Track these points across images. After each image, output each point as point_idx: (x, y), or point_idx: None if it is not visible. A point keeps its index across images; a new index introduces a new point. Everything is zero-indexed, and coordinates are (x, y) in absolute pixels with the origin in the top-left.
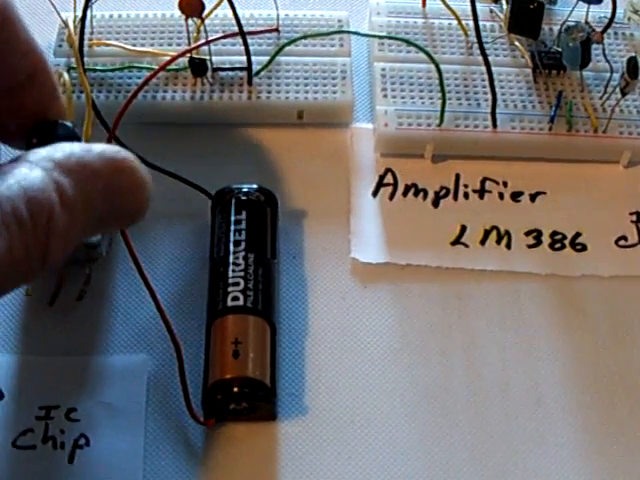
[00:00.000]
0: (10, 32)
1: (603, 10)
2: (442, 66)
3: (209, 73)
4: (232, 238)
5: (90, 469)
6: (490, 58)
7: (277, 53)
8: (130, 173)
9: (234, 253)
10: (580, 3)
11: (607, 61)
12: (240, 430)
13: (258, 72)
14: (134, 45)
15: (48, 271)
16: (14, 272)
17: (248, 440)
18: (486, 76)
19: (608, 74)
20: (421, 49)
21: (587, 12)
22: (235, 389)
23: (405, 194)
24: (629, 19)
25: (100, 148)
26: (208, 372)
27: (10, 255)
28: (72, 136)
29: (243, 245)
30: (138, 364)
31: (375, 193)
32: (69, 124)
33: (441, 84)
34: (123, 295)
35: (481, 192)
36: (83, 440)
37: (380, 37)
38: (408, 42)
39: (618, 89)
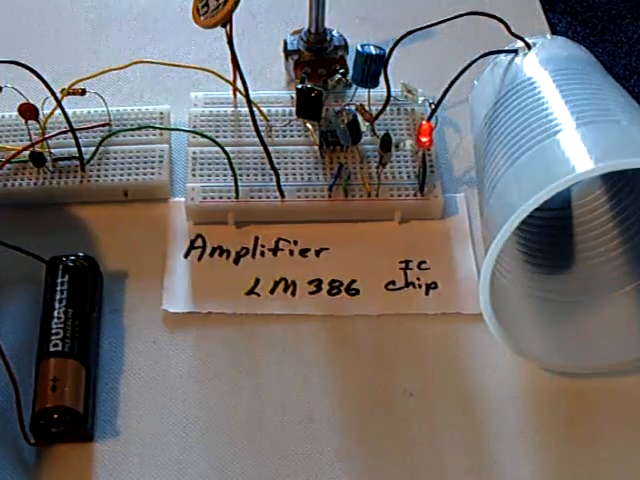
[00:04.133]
0: None
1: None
2: (245, 148)
3: (49, 163)
4: (57, 297)
5: None
6: (286, 139)
7: (100, 144)
8: None
9: (57, 309)
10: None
11: (377, 136)
12: (63, 449)
13: (89, 160)
14: None
15: None
16: None
17: (70, 457)
18: (279, 155)
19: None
20: (207, 137)
21: (369, 94)
22: (54, 415)
23: (212, 255)
24: (405, 97)
25: None
26: (34, 403)
27: None
28: None
29: (64, 302)
30: None
31: (187, 255)
32: None
33: (230, 165)
34: None
35: (275, 250)
36: None
37: (177, 130)
38: (198, 133)
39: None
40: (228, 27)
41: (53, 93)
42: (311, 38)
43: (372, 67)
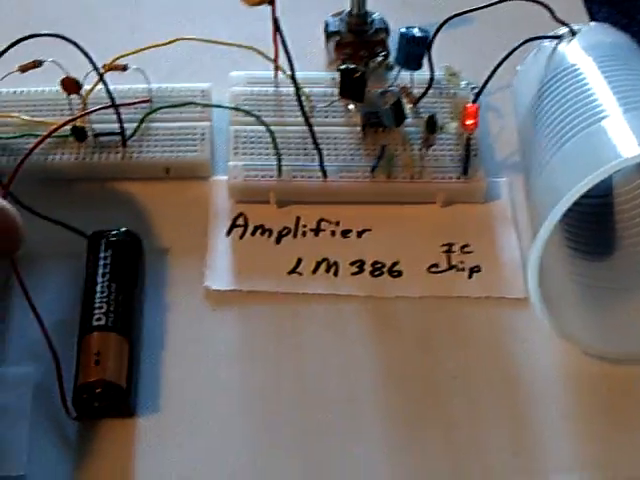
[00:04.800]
0: None
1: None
2: (287, 127)
3: (90, 138)
4: (100, 271)
5: None
6: (328, 119)
7: (143, 120)
8: (5, 218)
9: (101, 283)
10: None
11: (421, 119)
12: (105, 424)
13: (130, 136)
14: (32, 117)
15: None
16: None
17: (112, 433)
18: (321, 135)
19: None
20: (252, 115)
21: (412, 77)
22: (98, 389)
23: (253, 234)
24: (448, 81)
25: None
26: (77, 377)
27: None
28: None
29: (107, 277)
30: (25, 374)
31: (228, 233)
32: None
33: (274, 144)
34: (15, 319)
35: (317, 231)
36: None
37: (223, 107)
38: (245, 111)
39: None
40: (272, 6)
41: (96, 67)
42: (352, 20)
43: (415, 49)
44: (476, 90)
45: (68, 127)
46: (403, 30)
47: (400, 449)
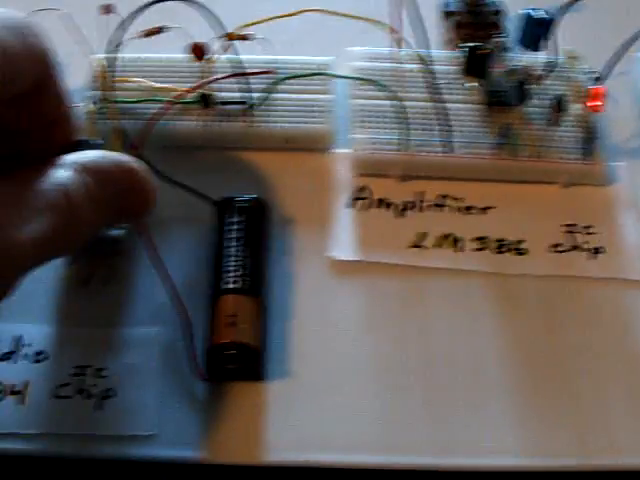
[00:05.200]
0: (50, 79)
1: (550, 56)
2: (409, 103)
3: (215, 105)
4: (234, 235)
5: (115, 415)
6: (451, 96)
7: (270, 90)
8: (139, 180)
9: (235, 247)
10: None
11: (545, 99)
12: (235, 387)
13: (256, 105)
14: (156, 82)
15: (80, 252)
16: (54, 246)
17: (241, 395)
18: (445, 111)
19: (548, 109)
20: (385, 87)
21: (532, 58)
22: (231, 351)
23: (376, 206)
24: (568, 64)
25: (117, 157)
26: (210, 338)
27: (52, 232)
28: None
29: (242, 241)
30: (154, 334)
31: (351, 205)
32: (100, 142)
33: (404, 117)
34: (143, 281)
35: (440, 206)
36: (110, 392)
37: (351, 78)
38: (375, 83)
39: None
40: None
41: (226, 35)
42: (472, 1)
43: (539, 31)
44: (596, 75)
45: (194, 94)
46: (528, 11)
47: (525, 420)
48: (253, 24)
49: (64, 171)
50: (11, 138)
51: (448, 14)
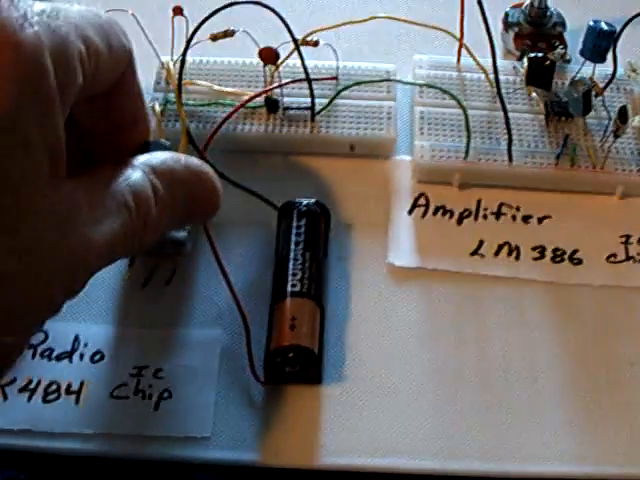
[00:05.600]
0: (129, 79)
1: (608, 68)
2: (470, 111)
3: (280, 111)
4: (293, 239)
5: (171, 416)
6: (511, 106)
7: (335, 96)
8: (207, 183)
9: (294, 251)
10: (588, 62)
11: (606, 110)
12: (293, 390)
13: (319, 111)
14: (220, 85)
15: (142, 253)
16: (123, 246)
17: (298, 399)
18: (506, 120)
19: (607, 121)
20: (451, 95)
21: (594, 69)
22: (291, 354)
23: (435, 214)
24: (629, 76)
25: (187, 160)
26: (270, 341)
27: (123, 233)
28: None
29: (302, 245)
30: (213, 336)
31: (410, 212)
32: (168, 143)
33: (467, 125)
34: (203, 282)
35: (497, 214)
36: (167, 393)
37: (419, 85)
38: (441, 89)
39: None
40: None
41: (295, 39)
42: (533, 12)
43: (603, 43)
44: None
45: (259, 98)
46: (592, 23)
47: (579, 429)
48: (322, 30)
49: (134, 172)
50: (87, 137)
51: (509, 25)
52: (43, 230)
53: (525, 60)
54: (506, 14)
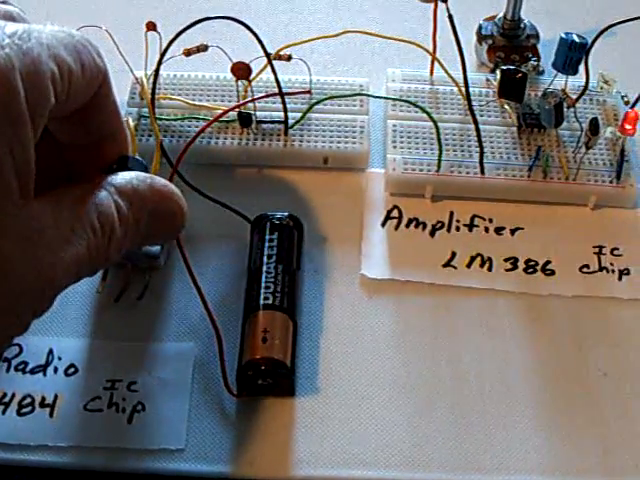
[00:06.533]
0: (105, 96)
1: (581, 80)
2: (442, 124)
3: (253, 125)
4: (266, 252)
5: (145, 429)
6: (483, 118)
7: (308, 110)
8: (172, 202)
9: (267, 264)
10: (561, 74)
11: (578, 121)
12: (265, 403)
13: (293, 125)
14: (193, 100)
15: (116, 266)
16: (88, 265)
17: (271, 411)
18: (478, 133)
19: (579, 132)
20: (422, 109)
21: (566, 81)
22: (263, 367)
23: (408, 226)
24: (601, 88)
25: (152, 180)
26: (242, 354)
27: (88, 252)
28: (142, 168)
29: (274, 258)
30: (186, 349)
31: (383, 224)
32: (141, 160)
33: (438, 138)
34: (176, 296)
35: (470, 226)
36: (140, 406)
37: (392, 99)
38: (412, 103)
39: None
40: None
41: (267, 54)
42: (506, 25)
43: (574, 55)
44: (626, 98)
45: (233, 112)
46: (564, 35)
47: (551, 439)
48: (296, 44)
49: (99, 192)
50: (64, 153)
51: (483, 37)
52: (11, 249)
53: (498, 72)
54: (480, 26)
